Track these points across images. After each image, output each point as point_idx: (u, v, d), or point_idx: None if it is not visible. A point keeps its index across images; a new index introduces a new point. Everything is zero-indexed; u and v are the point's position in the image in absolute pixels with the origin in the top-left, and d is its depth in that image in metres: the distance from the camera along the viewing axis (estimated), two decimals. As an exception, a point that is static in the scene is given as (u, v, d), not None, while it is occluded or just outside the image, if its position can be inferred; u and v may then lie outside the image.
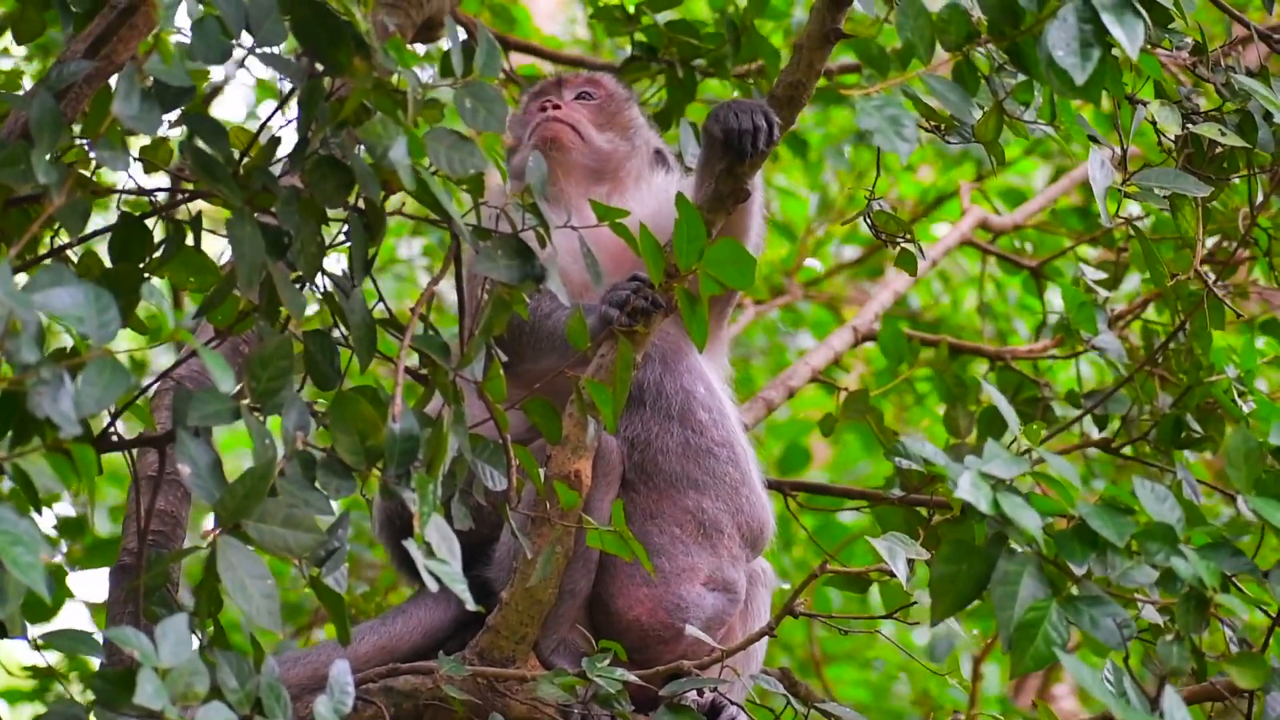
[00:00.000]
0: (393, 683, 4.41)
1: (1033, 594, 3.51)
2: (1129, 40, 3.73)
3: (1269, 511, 3.59)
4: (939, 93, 3.88)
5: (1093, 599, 3.52)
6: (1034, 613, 3.49)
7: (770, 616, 4.71)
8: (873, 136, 3.82)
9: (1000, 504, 3.51)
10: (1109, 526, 3.53)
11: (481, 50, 3.64)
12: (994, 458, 3.59)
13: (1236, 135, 4.43)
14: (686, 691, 4.24)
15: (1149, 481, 3.60)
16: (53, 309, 3.10)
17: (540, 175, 3.76)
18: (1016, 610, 3.50)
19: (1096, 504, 3.56)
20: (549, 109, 4.90)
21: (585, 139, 4.88)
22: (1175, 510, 3.57)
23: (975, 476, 3.54)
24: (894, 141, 3.80)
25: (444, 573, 3.45)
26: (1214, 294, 4.97)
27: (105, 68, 3.68)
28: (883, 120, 3.81)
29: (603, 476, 4.50)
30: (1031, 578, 3.52)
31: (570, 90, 5.00)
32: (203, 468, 3.34)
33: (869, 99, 3.78)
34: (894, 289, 6.95)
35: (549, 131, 4.86)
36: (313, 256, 3.59)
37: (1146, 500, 3.57)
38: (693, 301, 3.97)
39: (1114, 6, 3.74)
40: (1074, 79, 3.74)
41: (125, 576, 4.34)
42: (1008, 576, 3.53)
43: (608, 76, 5.08)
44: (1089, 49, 3.73)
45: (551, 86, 5.03)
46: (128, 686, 3.15)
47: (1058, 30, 3.74)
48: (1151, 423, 5.41)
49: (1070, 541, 3.55)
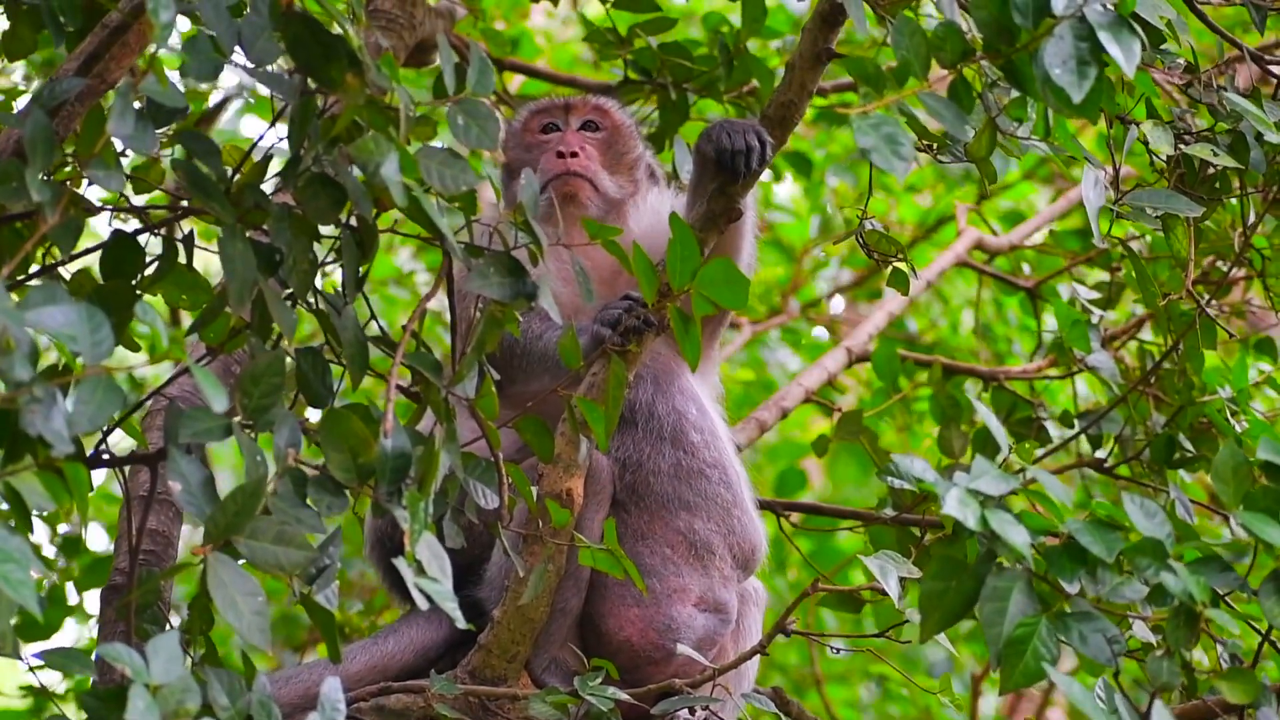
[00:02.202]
0: (385, 701, 4.40)
1: (1022, 610, 3.50)
2: (1125, 59, 3.74)
3: (1258, 526, 3.58)
4: (934, 110, 3.88)
5: (1083, 615, 3.52)
6: (1023, 629, 3.48)
7: (762, 636, 4.71)
8: (870, 155, 3.81)
9: (989, 520, 3.51)
10: (1099, 543, 3.52)
11: (474, 68, 3.65)
12: (982, 474, 3.58)
13: (1229, 156, 4.44)
14: (678, 710, 4.24)
15: (1138, 497, 3.60)
16: (46, 327, 3.10)
17: (533, 194, 3.76)
18: (1005, 627, 3.48)
19: (1086, 520, 3.56)
20: (565, 155, 4.86)
21: (600, 191, 4.87)
22: (1165, 526, 3.56)
23: (964, 493, 3.54)
24: (890, 161, 3.80)
25: (435, 591, 3.45)
26: (1206, 314, 4.97)
27: (98, 85, 3.69)
28: (879, 139, 3.80)
29: (594, 496, 4.50)
30: (1021, 594, 3.51)
31: (576, 118, 4.97)
32: (194, 485, 3.34)
33: (865, 117, 3.78)
34: (888, 310, 6.95)
35: (568, 188, 4.83)
36: (304, 274, 3.58)
37: (1136, 516, 3.56)
38: (686, 321, 3.96)
39: (1111, 25, 3.73)
40: (1071, 97, 3.74)
41: (116, 595, 4.34)
42: (996, 593, 3.52)
43: (614, 105, 5.05)
44: (1086, 67, 3.73)
45: (558, 110, 4.99)
46: (119, 704, 3.14)
47: (1054, 48, 3.74)
48: (1145, 442, 5.41)
49: (1060, 558, 3.55)
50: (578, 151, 4.87)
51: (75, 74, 3.72)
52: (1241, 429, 5.07)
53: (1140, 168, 5.66)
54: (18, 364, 3.02)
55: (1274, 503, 3.67)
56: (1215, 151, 4.43)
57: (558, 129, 4.95)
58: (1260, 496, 3.67)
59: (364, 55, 3.49)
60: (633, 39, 6.00)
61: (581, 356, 4.04)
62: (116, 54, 3.71)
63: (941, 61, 3.91)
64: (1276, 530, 3.59)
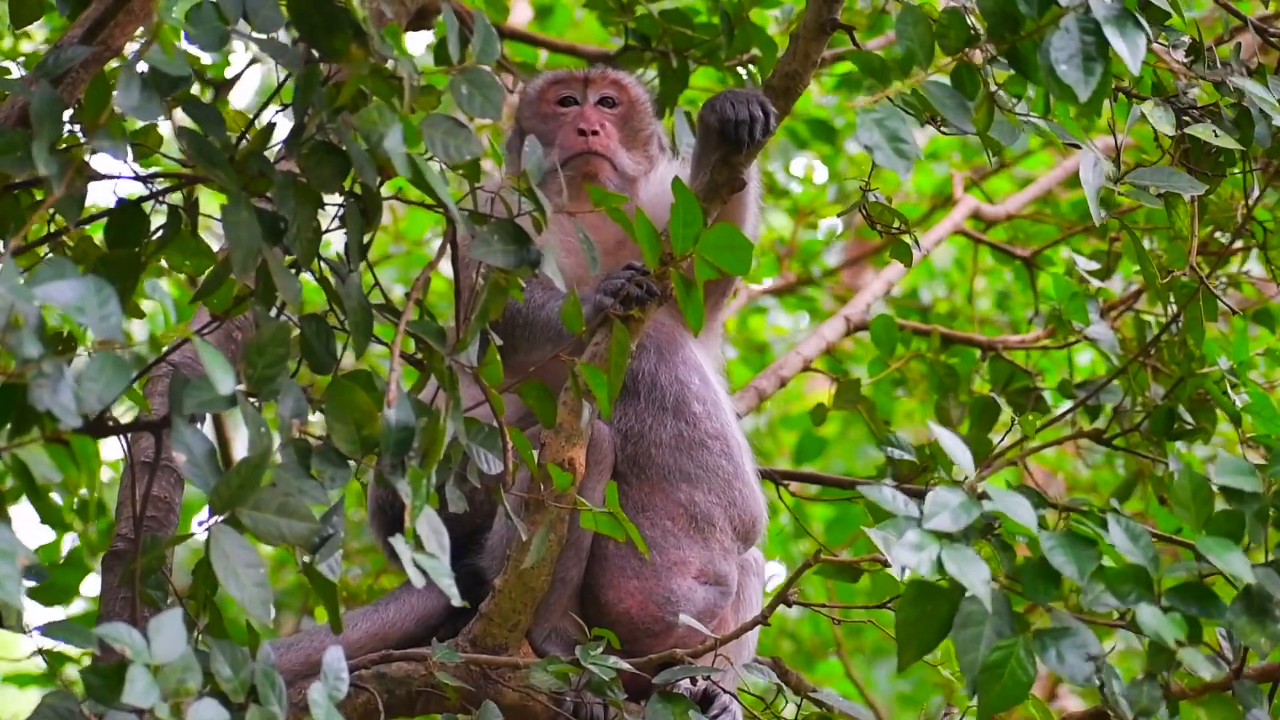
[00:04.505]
0: (386, 669, 4.41)
1: (997, 632, 3.42)
2: (1131, 55, 3.71)
3: (1219, 554, 3.51)
4: (937, 99, 3.86)
5: (1061, 631, 3.46)
6: (999, 652, 3.41)
7: (762, 606, 4.71)
8: (872, 153, 3.79)
9: (945, 565, 3.39)
10: (1072, 563, 3.45)
11: (478, 36, 3.64)
12: (942, 509, 3.46)
13: (1233, 131, 4.43)
14: (679, 680, 4.25)
15: (1123, 519, 3.53)
16: (54, 301, 3.09)
17: (537, 161, 3.76)
18: (981, 652, 3.41)
19: (1060, 536, 3.48)
20: (585, 133, 4.84)
21: (618, 169, 4.85)
22: (1150, 549, 3.50)
23: (920, 536, 3.43)
24: (893, 159, 3.79)
25: (432, 567, 3.44)
26: (1206, 287, 4.97)
27: (102, 53, 3.68)
28: (883, 135, 3.79)
29: (595, 465, 4.50)
30: (997, 616, 3.42)
31: (594, 92, 4.93)
32: (198, 456, 3.34)
33: (870, 111, 3.75)
34: (886, 278, 6.95)
35: (589, 168, 4.82)
36: (308, 242, 3.58)
37: (1119, 540, 3.50)
38: (689, 287, 3.96)
39: (1116, 18, 3.72)
40: (1078, 95, 3.72)
41: (119, 562, 4.35)
42: (970, 618, 3.43)
43: (631, 79, 5.02)
44: (1092, 64, 3.71)
45: (577, 83, 4.95)
46: (120, 682, 3.14)
47: (1060, 41, 3.72)
48: (1144, 414, 5.42)
49: (1033, 578, 3.48)
50: (598, 130, 4.85)
51: (80, 41, 3.70)
52: (1242, 402, 5.07)
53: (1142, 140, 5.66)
54: (26, 340, 3.02)
55: (1236, 525, 3.61)
56: (1215, 133, 4.41)
57: (575, 103, 4.92)
58: (1222, 520, 3.61)
59: (368, 25, 3.48)
60: (634, 6, 5.98)
61: (584, 323, 4.04)
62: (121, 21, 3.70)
63: (945, 49, 3.90)
64: (1237, 556, 3.54)
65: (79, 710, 3.21)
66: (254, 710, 3.32)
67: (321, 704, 3.38)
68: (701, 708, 4.46)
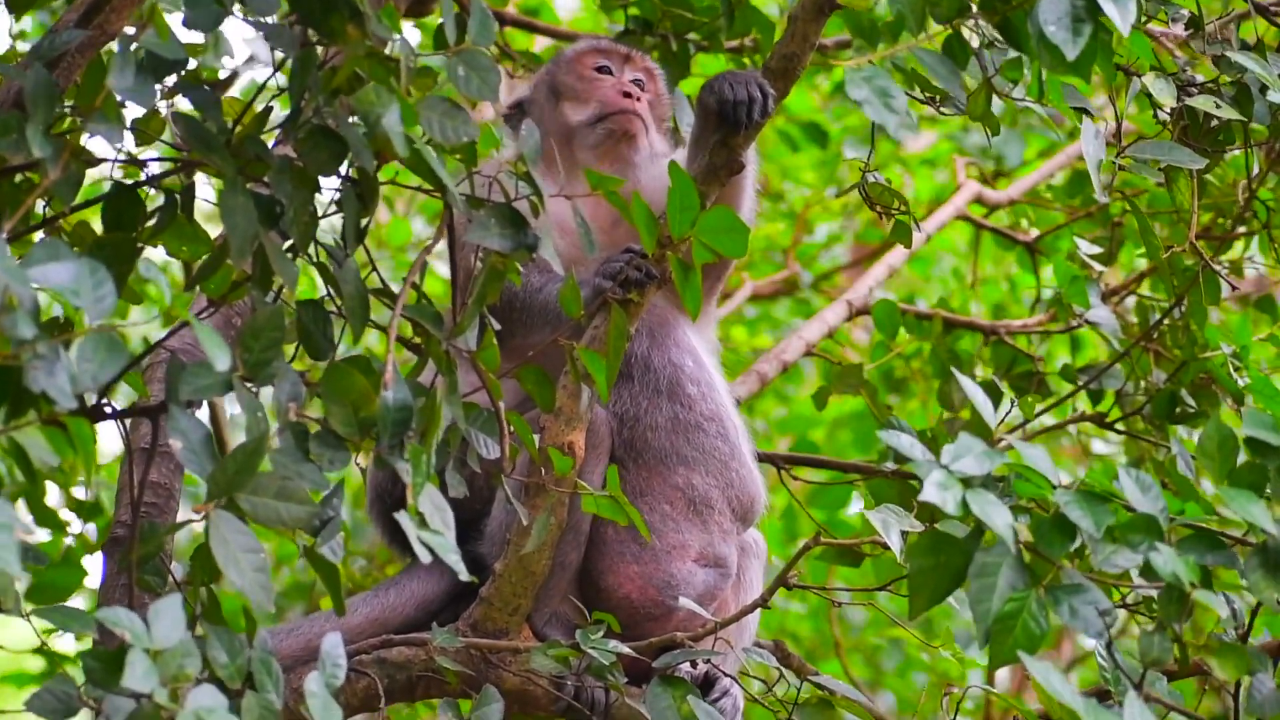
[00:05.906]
0: (386, 654, 4.41)
1: (1011, 585, 3.43)
2: (1121, 18, 3.71)
3: (1241, 504, 3.51)
4: (928, 65, 3.86)
5: (1073, 588, 3.47)
6: (1013, 604, 3.43)
7: (763, 588, 4.71)
8: (862, 107, 3.80)
9: (970, 505, 3.43)
10: (1088, 516, 3.46)
11: (475, 19, 3.63)
12: (966, 453, 3.50)
13: (1233, 108, 4.42)
14: (680, 663, 4.24)
15: (1133, 470, 3.55)
16: (49, 283, 3.08)
17: (534, 143, 3.75)
18: (994, 603, 3.42)
19: (1076, 492, 3.50)
20: (629, 95, 4.85)
21: (649, 139, 4.87)
22: (1159, 500, 3.50)
23: (945, 476, 3.46)
24: (883, 113, 3.79)
25: (437, 544, 3.44)
26: (1210, 268, 4.96)
27: (98, 37, 3.67)
28: (872, 91, 3.79)
29: (592, 449, 4.49)
30: (1009, 569, 3.44)
31: (631, 71, 4.96)
32: (194, 442, 3.33)
33: (859, 69, 3.75)
34: (888, 262, 6.94)
35: (631, 126, 4.84)
36: (305, 226, 3.57)
37: (1130, 490, 3.51)
38: (686, 270, 3.96)
39: (1104, -22, 3.72)
40: (1065, 55, 3.71)
41: (118, 548, 4.34)
42: (985, 569, 3.45)
43: (659, 70, 5.05)
44: (1080, 24, 3.71)
45: (618, 56, 4.97)
46: (119, 666, 3.13)
47: (1049, 4, 3.72)
48: (1146, 398, 5.41)
49: (1049, 532, 3.49)
50: (640, 96, 4.86)
51: (75, 25, 3.69)
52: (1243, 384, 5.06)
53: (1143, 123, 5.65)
54: (21, 322, 3.01)
55: (1260, 478, 3.62)
56: (1218, 104, 4.41)
57: (611, 74, 4.93)
58: (1245, 473, 3.62)
59: (365, 6, 3.47)
60: (635, -10, 5.98)
61: (582, 307, 4.03)
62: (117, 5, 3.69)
63: (937, 17, 3.89)
64: (1260, 508, 3.54)
65: (77, 695, 3.21)
66: (250, 697, 3.31)
67: (318, 694, 3.35)
68: (702, 691, 4.45)
